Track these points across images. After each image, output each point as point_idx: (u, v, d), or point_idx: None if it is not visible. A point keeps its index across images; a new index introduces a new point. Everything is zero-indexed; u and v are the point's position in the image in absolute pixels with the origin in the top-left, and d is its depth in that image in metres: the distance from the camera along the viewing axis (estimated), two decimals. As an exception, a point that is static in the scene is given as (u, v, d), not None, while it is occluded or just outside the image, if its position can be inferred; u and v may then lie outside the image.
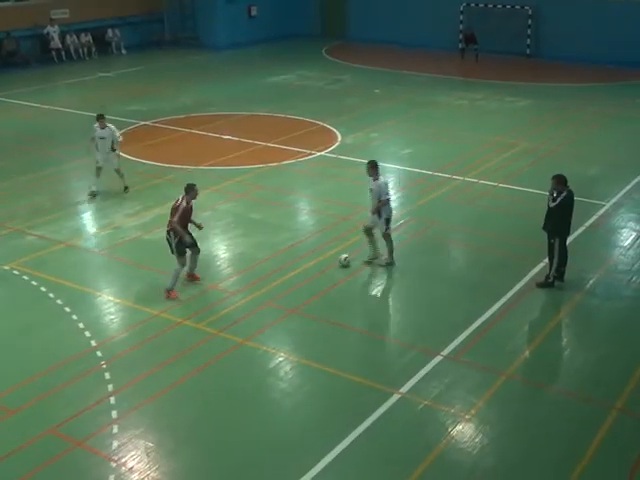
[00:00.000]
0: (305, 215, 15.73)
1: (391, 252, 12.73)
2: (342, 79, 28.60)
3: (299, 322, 11.15)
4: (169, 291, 11.73)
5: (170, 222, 11.71)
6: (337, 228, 14.38)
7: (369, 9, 35.12)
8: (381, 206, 12.44)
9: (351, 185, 16.79)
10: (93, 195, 16.08)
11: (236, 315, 11.24)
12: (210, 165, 18.14)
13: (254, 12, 36.43)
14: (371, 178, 12.57)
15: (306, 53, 34.17)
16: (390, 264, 12.68)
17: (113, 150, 16.14)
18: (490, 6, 31.89)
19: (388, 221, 12.62)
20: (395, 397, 9.28)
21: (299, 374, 9.94)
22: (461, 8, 32.31)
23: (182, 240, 11.63)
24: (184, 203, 11.73)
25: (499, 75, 28.79)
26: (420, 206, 15.57)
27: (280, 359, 10.17)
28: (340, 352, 10.38)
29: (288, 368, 10.03)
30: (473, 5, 32.27)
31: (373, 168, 12.55)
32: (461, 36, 32.02)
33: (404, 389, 9.42)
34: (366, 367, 9.98)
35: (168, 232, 11.79)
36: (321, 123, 21.93)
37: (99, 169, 16.13)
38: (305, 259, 13.05)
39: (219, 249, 13.83)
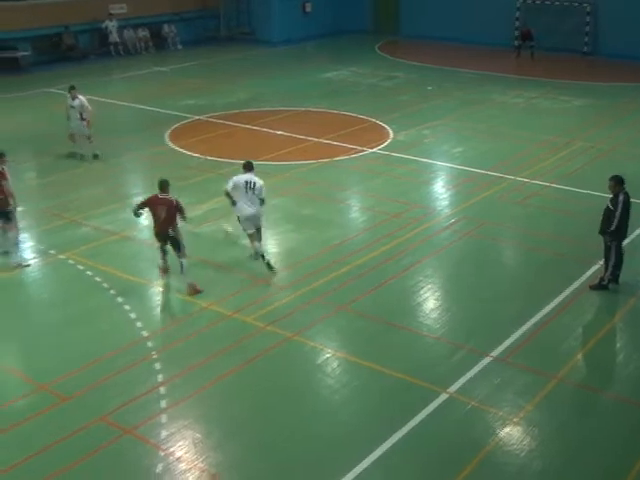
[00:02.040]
0: (356, 211, 15.72)
1: None
2: (395, 76, 28.47)
3: (348, 319, 11.15)
4: (193, 285, 11.77)
5: (184, 219, 11.82)
6: (388, 225, 14.33)
7: (423, 5, 34.88)
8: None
9: (402, 182, 16.73)
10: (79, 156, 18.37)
11: (285, 310, 11.29)
12: (262, 160, 18.21)
13: (309, 8, 36.54)
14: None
15: (359, 50, 34.11)
16: None
17: (83, 119, 18.06)
18: (548, 2, 31.41)
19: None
20: (443, 396, 9.22)
21: (346, 371, 9.94)
22: (518, 4, 31.88)
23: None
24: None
25: (555, 73, 28.34)
26: (471, 205, 15.41)
27: (328, 355, 10.19)
28: (388, 349, 10.35)
29: (335, 364, 10.04)
30: (530, 1, 31.82)
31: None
32: (517, 33, 31.60)
33: (452, 389, 9.35)
34: (414, 365, 9.92)
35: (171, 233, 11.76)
36: (373, 120, 21.88)
37: (72, 135, 18.29)
38: (355, 255, 13.04)
39: (269, 244, 13.88)
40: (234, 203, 12.36)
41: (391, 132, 20.57)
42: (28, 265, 12.88)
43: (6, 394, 9.48)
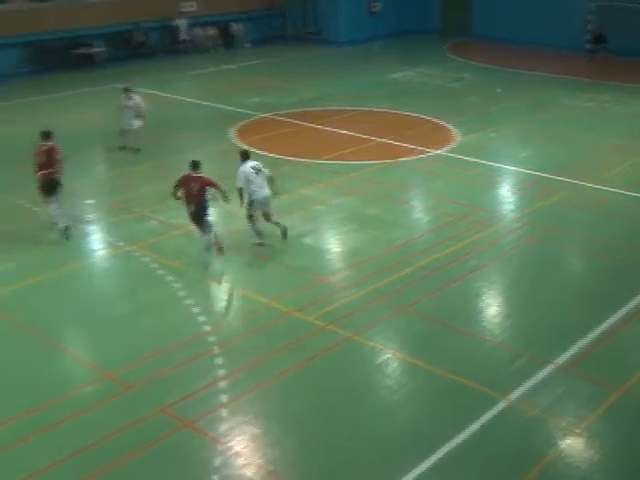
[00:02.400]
0: (420, 213, 15.63)
1: None
2: (463, 77, 28.20)
3: (409, 320, 11.09)
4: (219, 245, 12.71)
5: (223, 192, 12.79)
6: (452, 227, 14.20)
7: (494, 6, 34.43)
8: None
9: (468, 185, 16.56)
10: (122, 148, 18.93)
11: (346, 309, 11.29)
12: (326, 159, 18.28)
13: (375, 8, 36.46)
14: None
15: (427, 50, 33.90)
16: None
17: (137, 117, 18.76)
18: (623, 4, 30.63)
19: None
20: (503, 404, 9.09)
21: (406, 372, 9.89)
22: (591, 7, 31.19)
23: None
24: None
25: (628, 77, 27.64)
26: (536, 209, 15.15)
27: (387, 356, 10.15)
28: (449, 353, 10.25)
29: (395, 365, 10.00)
30: (605, 4, 31.09)
31: None
32: (589, 36, 30.94)
33: (513, 396, 9.21)
34: (474, 370, 9.81)
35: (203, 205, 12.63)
36: (439, 121, 21.71)
37: (124, 131, 18.90)
38: (419, 257, 12.96)
39: (332, 243, 13.94)
40: (242, 194, 13.05)
41: (457, 134, 20.38)
42: (69, 229, 13.85)
43: (73, 381, 9.73)
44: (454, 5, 36.67)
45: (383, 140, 19.82)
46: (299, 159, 18.27)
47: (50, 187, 13.88)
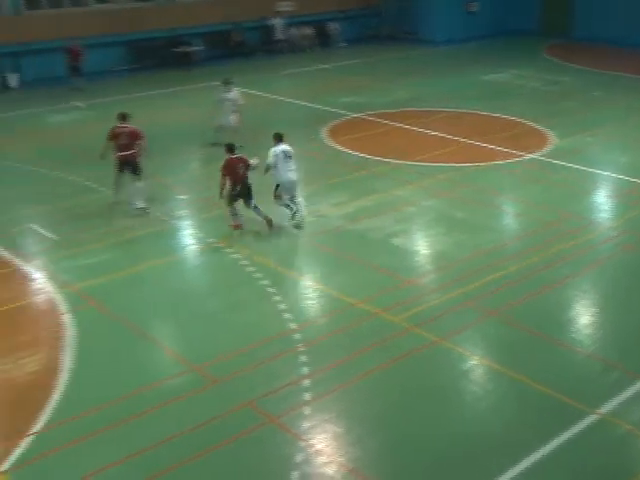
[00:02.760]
0: (511, 218, 15.35)
1: None
2: (560, 80, 27.50)
3: (496, 326, 10.91)
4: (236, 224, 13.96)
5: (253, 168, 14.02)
6: (544, 233, 13.89)
7: (596, 7, 33.46)
8: None
9: (562, 191, 16.17)
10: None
11: (432, 312, 11.20)
12: (417, 160, 18.17)
13: (473, 8, 35.98)
14: None
15: (524, 51, 33.22)
16: None
17: (233, 112, 18.97)
18: None
19: None
20: (593, 417, 8.83)
21: (492, 379, 9.73)
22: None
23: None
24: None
25: None
26: (634, 217, 14.63)
27: (474, 362, 10.02)
28: (536, 361, 10.03)
29: (481, 372, 9.86)
30: None
31: None
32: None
33: (604, 410, 8.93)
34: (563, 381, 9.56)
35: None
36: (534, 125, 21.25)
37: (220, 127, 19.02)
38: (508, 262, 12.74)
39: (420, 245, 13.85)
40: (272, 169, 14.08)
41: (552, 138, 19.91)
42: (148, 211, 14.85)
43: (162, 372, 9.99)
44: (554, 6, 35.80)
45: (476, 142, 19.54)
46: (391, 160, 18.22)
47: (129, 168, 14.91)
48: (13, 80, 27.80)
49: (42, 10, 29.12)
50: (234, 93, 19.25)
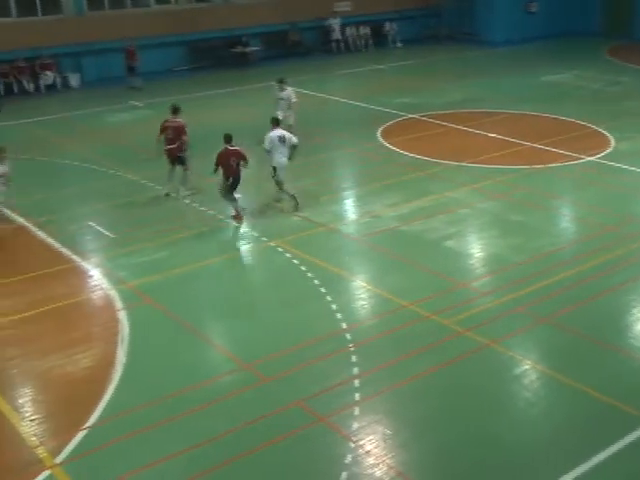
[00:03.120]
0: (568, 221, 15.08)
1: None
2: (621, 81, 26.93)
3: (550, 332, 10.72)
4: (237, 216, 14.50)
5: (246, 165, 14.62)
6: (602, 238, 13.61)
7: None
8: None
9: (621, 194, 15.82)
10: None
11: (484, 316, 11.06)
12: (473, 162, 17.98)
13: (533, 8, 35.46)
14: None
15: (585, 52, 32.62)
16: None
17: (288, 110, 19.12)
18: None
19: None
20: (649, 425, 8.63)
21: (545, 385, 9.56)
22: None
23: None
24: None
25: None
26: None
27: (526, 367, 9.86)
28: (591, 368, 9.83)
29: (534, 377, 9.70)
30: None
31: None
32: None
33: (660, 418, 8.72)
34: (619, 388, 9.33)
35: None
36: (594, 126, 20.83)
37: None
38: (565, 267, 12.52)
39: (473, 247, 13.70)
40: (268, 153, 14.99)
41: (612, 140, 19.48)
42: (192, 194, 15.73)
43: (213, 370, 10.10)
44: (616, 7, 35.04)
45: (533, 144, 19.25)
46: (445, 161, 18.07)
47: (176, 160, 15.97)
48: (74, 80, 28.45)
49: (104, 11, 29.73)
50: (288, 92, 19.35)
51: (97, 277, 12.71)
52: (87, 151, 19.99)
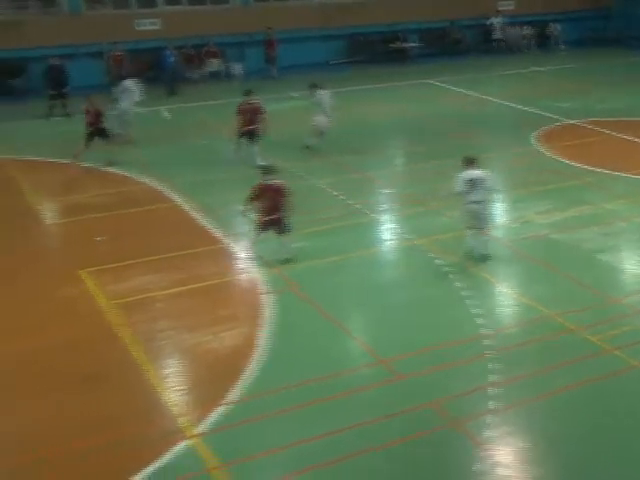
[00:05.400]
0: None
1: None
2: None
3: None
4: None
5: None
6: None
7: None
8: None
9: None
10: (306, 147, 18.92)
11: (636, 336, 10.54)
12: (633, 174, 17.12)
13: None
14: None
15: None
16: None
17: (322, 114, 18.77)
18: None
19: None
20: None
21: (696, 415, 9.04)
22: None
23: None
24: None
25: None
26: None
27: (676, 394, 9.35)
28: None
29: (684, 405, 9.18)
30: None
31: None
32: None
33: None
34: None
35: None
36: None
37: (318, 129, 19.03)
38: None
39: (629, 263, 13.07)
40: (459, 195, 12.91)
41: None
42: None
43: (350, 361, 10.25)
44: None
45: (703, 159, 18.12)
46: (604, 170, 17.32)
47: (249, 137, 17.68)
48: (236, 69, 29.42)
49: (267, 2, 30.59)
50: (319, 97, 18.70)
51: (246, 260, 13.14)
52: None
